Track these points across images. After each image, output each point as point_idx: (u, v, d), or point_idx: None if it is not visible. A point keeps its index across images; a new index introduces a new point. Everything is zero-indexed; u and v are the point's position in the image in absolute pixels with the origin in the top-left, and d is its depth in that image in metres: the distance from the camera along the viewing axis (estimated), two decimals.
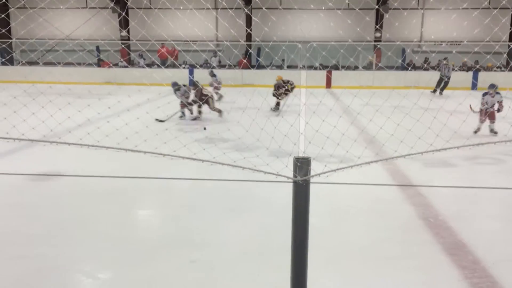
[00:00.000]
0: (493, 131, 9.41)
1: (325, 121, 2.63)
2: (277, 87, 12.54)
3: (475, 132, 9.28)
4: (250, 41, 22.55)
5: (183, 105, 11.87)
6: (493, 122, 9.42)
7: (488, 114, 9.26)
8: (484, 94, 9.48)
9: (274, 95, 12.58)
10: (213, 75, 15.81)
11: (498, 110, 9.33)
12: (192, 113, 11.85)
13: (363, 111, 4.13)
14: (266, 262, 4.05)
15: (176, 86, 11.65)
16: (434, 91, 17.37)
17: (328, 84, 19.91)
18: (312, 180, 1.82)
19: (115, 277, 3.87)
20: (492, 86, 9.39)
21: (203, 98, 11.25)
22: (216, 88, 15.49)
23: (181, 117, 11.77)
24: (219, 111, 11.54)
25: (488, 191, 6.07)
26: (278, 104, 12.57)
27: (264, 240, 4.52)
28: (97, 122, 6.99)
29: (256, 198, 5.76)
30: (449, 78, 17.18)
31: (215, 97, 15.53)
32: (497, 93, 9.39)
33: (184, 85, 11.88)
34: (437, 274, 3.87)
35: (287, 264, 2.11)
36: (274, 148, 2.73)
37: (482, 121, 9.38)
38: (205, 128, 5.89)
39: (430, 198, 5.69)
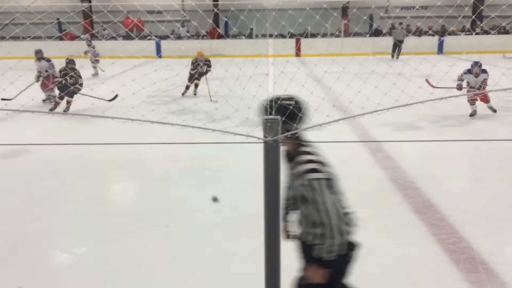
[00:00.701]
0: (492, 109, 8.12)
1: (293, 80, 2.62)
2: (195, 65, 10.46)
3: (471, 115, 8.00)
4: (217, 8, 22.04)
5: (45, 85, 9.77)
6: (488, 103, 8.07)
7: (476, 96, 7.85)
8: (466, 72, 7.88)
9: (190, 72, 10.55)
10: (90, 45, 14.09)
11: (480, 87, 7.80)
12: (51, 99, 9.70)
13: (329, 76, 4.15)
14: (241, 227, 4.09)
15: (39, 54, 9.78)
16: (393, 56, 17.99)
17: (298, 53, 19.85)
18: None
19: (90, 250, 3.84)
20: (476, 64, 7.73)
21: (78, 87, 8.88)
22: (95, 61, 13.93)
23: (45, 100, 9.81)
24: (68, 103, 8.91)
25: (453, 152, 6.25)
26: (187, 87, 10.58)
27: (240, 206, 4.55)
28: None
29: (230, 166, 5.78)
30: (401, 42, 17.82)
31: (93, 71, 13.91)
32: (484, 71, 7.76)
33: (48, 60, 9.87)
34: (407, 233, 4.00)
35: (263, 230, 2.12)
36: (243, 109, 2.71)
37: (473, 103, 7.96)
38: (215, 199, 4.68)
39: (399, 160, 5.82)
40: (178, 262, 3.56)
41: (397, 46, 17.93)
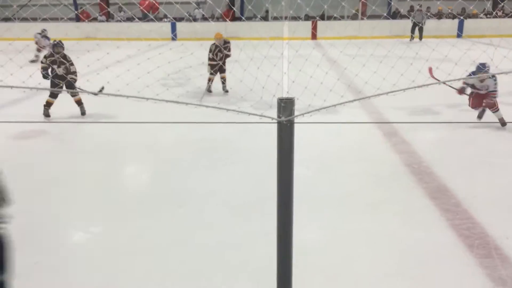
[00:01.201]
0: (501, 120, 6.44)
1: (308, 60, 2.59)
2: (216, 52, 8.60)
3: (479, 117, 6.70)
4: None
5: None
6: (495, 111, 6.42)
7: (481, 100, 6.50)
8: (471, 75, 6.26)
9: (210, 63, 8.65)
10: (44, 36, 13.21)
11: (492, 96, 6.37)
12: None
13: (344, 57, 4.10)
14: (254, 210, 4.11)
15: None
16: (411, 38, 17.61)
17: (314, 36, 19.60)
18: (296, 120, 1.80)
19: (104, 231, 3.89)
20: (482, 67, 6.18)
21: (72, 79, 7.04)
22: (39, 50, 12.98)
23: None
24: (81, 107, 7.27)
25: (469, 137, 6.15)
26: (210, 80, 8.84)
27: (253, 188, 4.56)
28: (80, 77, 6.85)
29: (244, 148, 5.79)
30: (423, 24, 17.48)
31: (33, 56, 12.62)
32: (492, 76, 6.33)
33: None
34: (421, 218, 3.97)
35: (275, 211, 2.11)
36: (257, 89, 2.68)
37: (474, 108, 6.70)
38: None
39: (414, 145, 5.76)
40: (191, 244, 3.60)
41: (415, 28, 17.62)
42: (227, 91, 8.66)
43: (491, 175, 4.96)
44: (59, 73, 6.91)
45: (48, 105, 7.04)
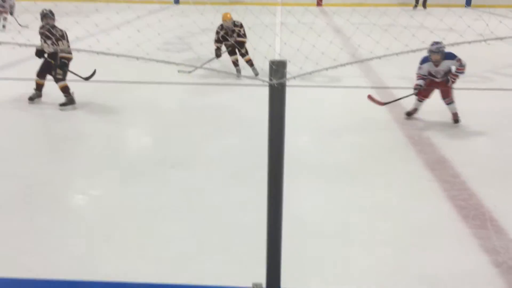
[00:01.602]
0: (455, 116, 5.50)
1: (300, 22, 2.52)
2: (221, 34, 7.18)
3: (408, 114, 5.69)
4: None
5: None
6: (450, 102, 5.48)
7: (433, 89, 5.53)
8: (423, 61, 5.36)
9: (218, 44, 7.23)
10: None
11: (455, 76, 5.33)
12: None
13: (342, 24, 3.99)
14: (247, 174, 4.09)
15: None
16: (415, 6, 17.42)
17: (319, 2, 19.19)
18: (288, 83, 1.75)
19: (105, 193, 3.91)
20: (436, 49, 5.11)
21: (66, 57, 5.80)
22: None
23: None
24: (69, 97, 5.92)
25: (471, 106, 6.05)
26: (235, 63, 7.33)
27: (250, 155, 4.53)
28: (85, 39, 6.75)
29: (240, 115, 5.75)
30: None
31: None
32: (448, 56, 5.23)
33: None
34: (418, 188, 3.96)
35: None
36: (250, 51, 2.62)
37: (420, 100, 5.59)
38: None
39: (415, 116, 5.69)
40: (190, 208, 3.61)
41: None
42: (257, 74, 7.36)
43: (492, 147, 4.93)
44: (47, 50, 5.82)
45: (37, 87, 6.04)
